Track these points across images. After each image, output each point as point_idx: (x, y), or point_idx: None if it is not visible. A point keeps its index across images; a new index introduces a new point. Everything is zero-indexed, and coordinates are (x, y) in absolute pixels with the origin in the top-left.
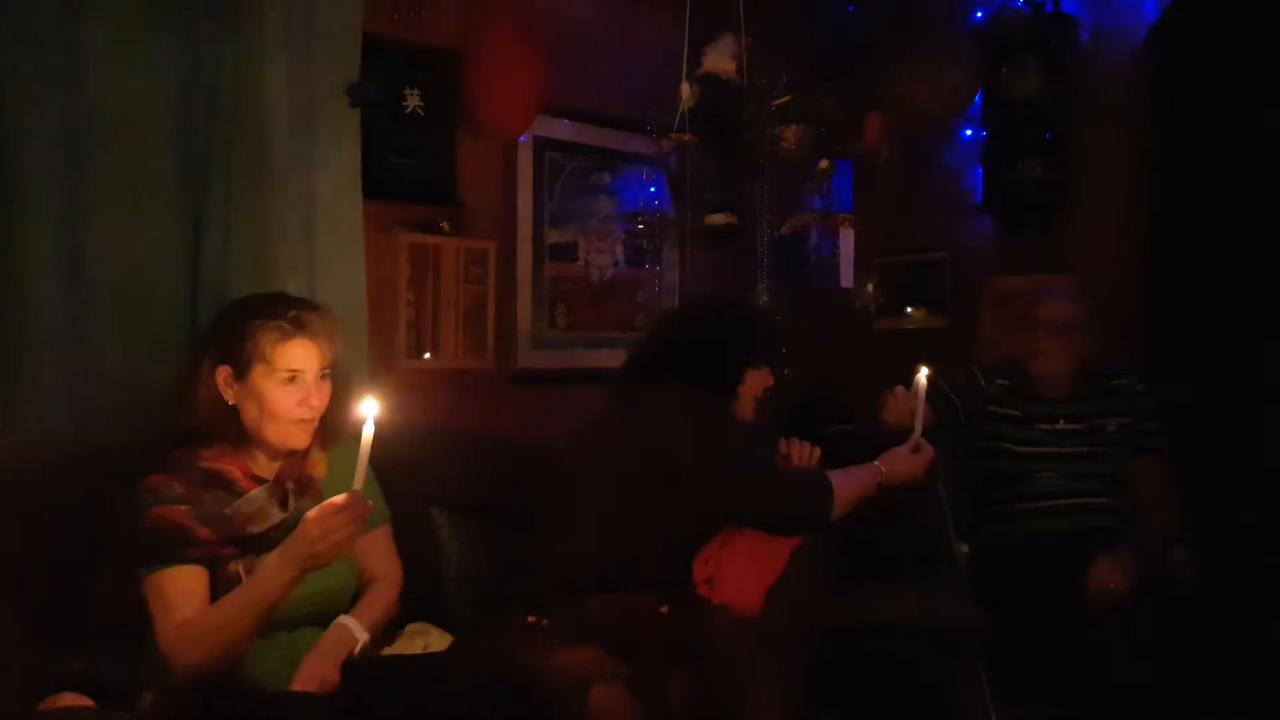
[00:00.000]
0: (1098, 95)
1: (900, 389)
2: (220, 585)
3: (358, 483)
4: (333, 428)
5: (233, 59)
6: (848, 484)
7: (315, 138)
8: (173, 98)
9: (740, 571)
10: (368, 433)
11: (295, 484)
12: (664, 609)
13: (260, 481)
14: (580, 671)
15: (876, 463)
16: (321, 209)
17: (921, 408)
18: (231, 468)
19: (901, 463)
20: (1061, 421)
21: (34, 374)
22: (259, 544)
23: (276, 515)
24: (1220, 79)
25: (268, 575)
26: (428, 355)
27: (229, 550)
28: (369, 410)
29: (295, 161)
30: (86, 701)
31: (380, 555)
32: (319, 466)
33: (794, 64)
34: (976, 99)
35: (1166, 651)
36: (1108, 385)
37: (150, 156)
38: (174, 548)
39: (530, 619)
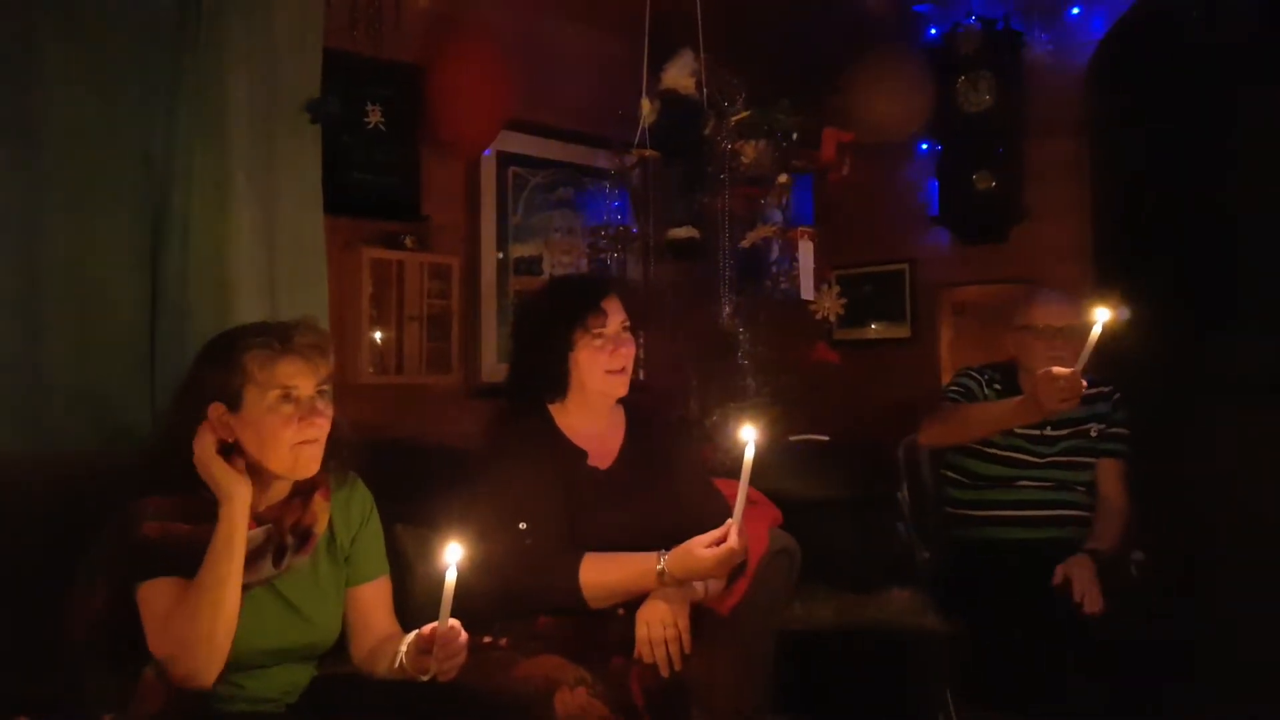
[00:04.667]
0: (1048, 109)
1: (1056, 369)
2: None
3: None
4: (340, 460)
5: (192, 74)
6: (607, 580)
7: (276, 153)
8: (131, 113)
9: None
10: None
11: (292, 536)
12: (621, 612)
13: (261, 522)
14: (544, 679)
15: (660, 553)
16: (283, 225)
17: (745, 487)
18: None
19: (691, 559)
20: (1048, 428)
21: None
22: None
23: (267, 570)
24: (1164, 93)
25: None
26: (391, 371)
27: None
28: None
29: (256, 177)
30: None
31: (384, 611)
32: (320, 519)
33: (752, 80)
34: (932, 113)
35: (1124, 655)
36: (1089, 393)
37: (107, 173)
38: (170, 560)
39: (487, 639)
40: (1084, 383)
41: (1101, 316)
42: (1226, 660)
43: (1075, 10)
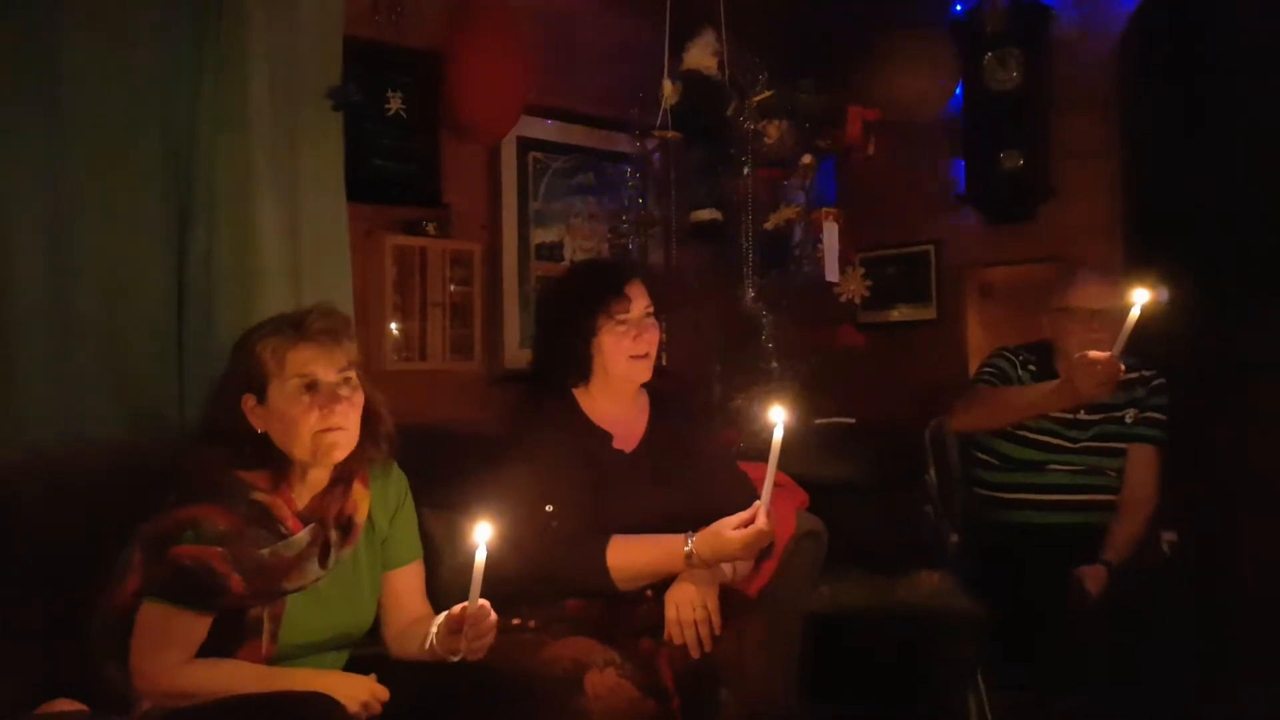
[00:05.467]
0: (1077, 86)
1: (1093, 353)
2: (235, 626)
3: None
4: (373, 447)
5: (215, 63)
6: (635, 562)
7: (298, 141)
8: (155, 104)
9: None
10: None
11: (336, 529)
12: (649, 594)
13: (303, 521)
14: (573, 661)
15: (688, 534)
16: (306, 212)
17: (773, 469)
18: (279, 502)
19: (719, 541)
20: (1083, 411)
21: (21, 383)
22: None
23: (314, 572)
24: (1196, 67)
25: (293, 679)
26: (415, 358)
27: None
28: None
29: (278, 165)
30: (81, 707)
31: (417, 594)
32: (360, 506)
33: (775, 60)
34: (958, 91)
35: (1152, 637)
36: (1128, 377)
37: (133, 163)
38: (198, 594)
39: (515, 621)
40: (1122, 367)
41: (1140, 298)
42: (1258, 641)
43: None
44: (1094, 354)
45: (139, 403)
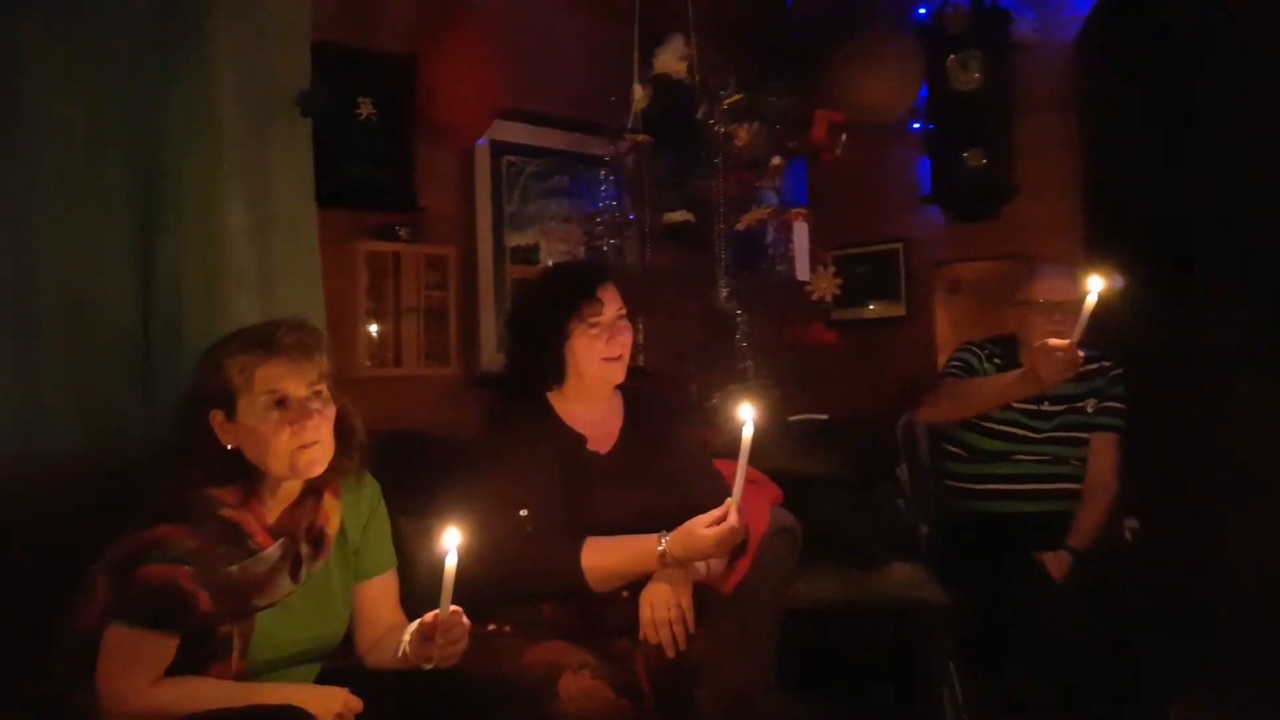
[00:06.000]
0: (1037, 86)
1: (1053, 340)
2: (205, 643)
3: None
4: (346, 458)
5: (181, 69)
6: (609, 563)
7: (267, 148)
8: (120, 112)
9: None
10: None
11: (307, 543)
12: (625, 595)
13: (274, 535)
14: (547, 664)
15: (661, 534)
16: (276, 219)
17: (744, 466)
18: (248, 518)
19: (692, 539)
20: (1046, 403)
21: None
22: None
23: (285, 587)
24: (1150, 66)
25: (264, 694)
26: (389, 364)
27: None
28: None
29: (247, 172)
30: None
31: (391, 604)
32: (331, 518)
33: (744, 63)
34: (922, 92)
35: (1119, 622)
36: (1087, 368)
37: (97, 171)
38: (166, 614)
39: (491, 626)
40: (1081, 354)
41: (1096, 286)
42: (1222, 626)
43: None
44: (1054, 341)
45: (103, 418)
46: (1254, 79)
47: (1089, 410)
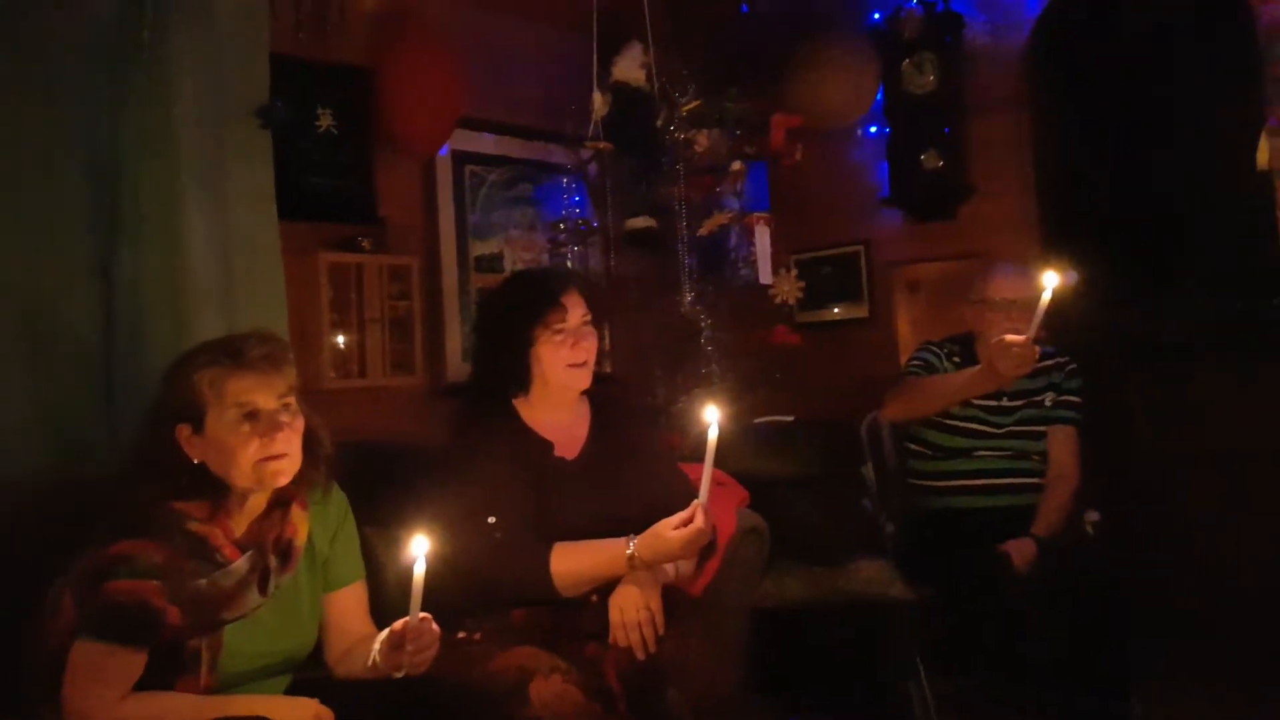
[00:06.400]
0: (990, 88)
1: (1009, 336)
2: (173, 658)
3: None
4: (313, 470)
5: (139, 82)
6: (578, 568)
7: (226, 160)
8: (77, 124)
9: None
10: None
11: (275, 555)
12: (594, 599)
13: (242, 548)
14: (518, 670)
15: (629, 537)
16: (236, 232)
17: (710, 468)
18: (216, 531)
19: (660, 542)
20: (1005, 398)
21: None
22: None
23: (254, 600)
24: (1101, 66)
25: (233, 706)
26: (354, 375)
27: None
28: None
29: (207, 185)
30: None
31: (360, 614)
32: (299, 530)
33: (702, 70)
34: (879, 97)
35: (1083, 617)
36: (1044, 363)
37: (56, 186)
38: (134, 629)
39: (461, 634)
40: (1037, 349)
41: (1050, 282)
42: (1182, 616)
43: None
44: (1010, 337)
45: (66, 433)
46: (1202, 77)
47: (1047, 404)
